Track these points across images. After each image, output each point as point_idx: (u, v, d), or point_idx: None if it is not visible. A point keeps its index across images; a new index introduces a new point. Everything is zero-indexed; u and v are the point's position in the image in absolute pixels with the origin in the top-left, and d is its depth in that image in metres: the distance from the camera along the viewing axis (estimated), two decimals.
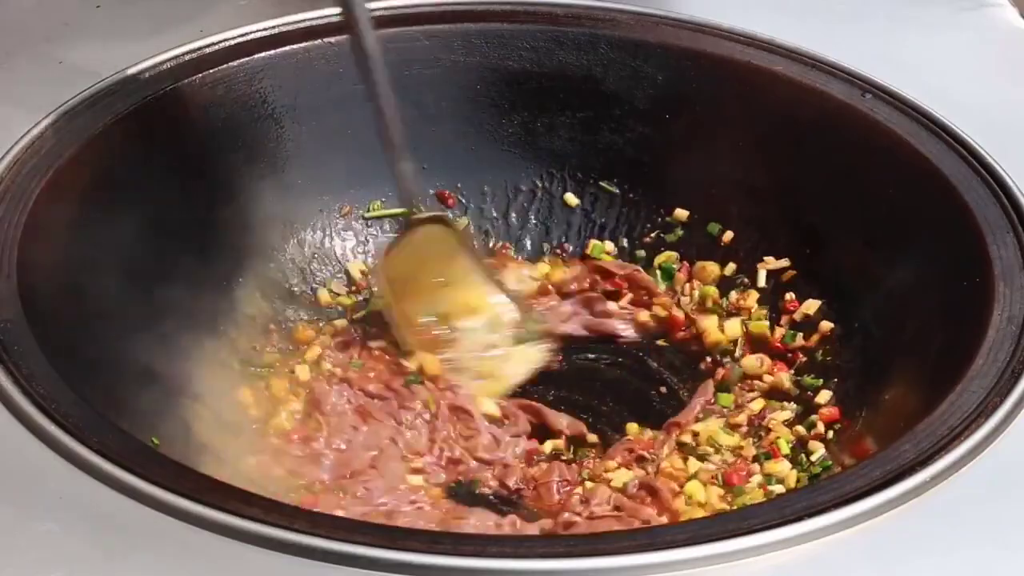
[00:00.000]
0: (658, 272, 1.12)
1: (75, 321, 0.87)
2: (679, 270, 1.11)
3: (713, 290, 1.09)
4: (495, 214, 1.16)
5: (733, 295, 1.09)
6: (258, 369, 1.02)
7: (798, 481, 0.93)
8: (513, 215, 1.16)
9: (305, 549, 0.65)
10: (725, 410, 1.00)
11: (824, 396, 0.99)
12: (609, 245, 1.14)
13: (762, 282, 1.08)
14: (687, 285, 1.10)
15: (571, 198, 1.16)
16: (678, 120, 1.12)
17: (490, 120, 1.15)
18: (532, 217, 1.16)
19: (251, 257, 1.07)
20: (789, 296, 1.06)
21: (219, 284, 1.03)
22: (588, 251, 1.14)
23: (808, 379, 1.01)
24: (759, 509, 0.75)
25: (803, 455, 0.95)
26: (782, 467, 0.94)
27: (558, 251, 1.15)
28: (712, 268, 1.10)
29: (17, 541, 0.66)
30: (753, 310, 1.07)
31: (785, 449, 0.96)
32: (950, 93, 1.03)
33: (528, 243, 1.16)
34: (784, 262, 1.08)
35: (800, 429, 0.98)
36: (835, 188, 1.04)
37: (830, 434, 0.96)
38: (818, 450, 0.94)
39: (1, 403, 0.74)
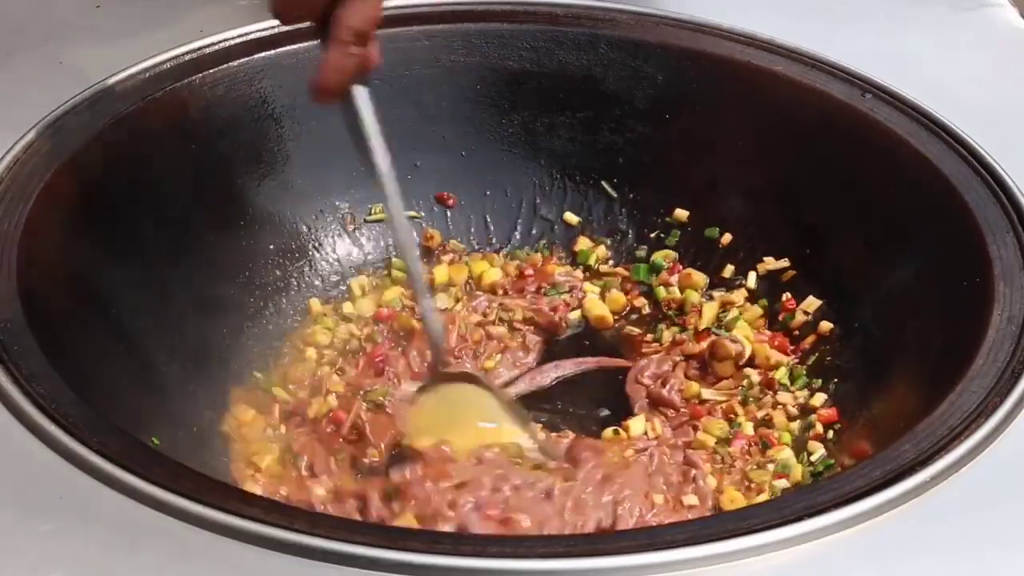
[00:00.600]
0: (642, 267, 1.12)
1: (75, 321, 0.87)
2: (668, 268, 1.11)
3: (694, 294, 1.08)
4: (492, 215, 1.16)
5: (717, 294, 1.09)
6: (259, 377, 1.02)
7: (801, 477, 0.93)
8: (511, 214, 1.16)
9: (305, 549, 0.65)
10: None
11: (819, 398, 0.99)
12: (601, 250, 1.14)
13: (752, 283, 1.08)
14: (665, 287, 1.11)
15: (571, 217, 1.15)
16: (678, 120, 1.12)
17: (490, 120, 1.15)
18: (533, 218, 1.16)
19: (251, 258, 1.07)
20: (786, 296, 1.06)
21: (218, 284, 1.03)
22: (576, 248, 1.15)
23: (802, 377, 1.01)
24: (759, 509, 0.75)
25: (804, 454, 0.95)
26: (785, 455, 0.94)
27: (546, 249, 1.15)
28: (698, 278, 1.10)
29: (17, 541, 0.66)
30: (741, 306, 1.08)
31: (786, 439, 0.96)
32: (950, 93, 1.03)
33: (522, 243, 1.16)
34: (784, 262, 1.08)
35: (796, 426, 0.98)
36: (835, 188, 1.04)
37: (830, 434, 0.96)
38: (818, 450, 0.94)
39: (1, 403, 0.74)
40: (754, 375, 1.02)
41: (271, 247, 1.08)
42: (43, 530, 0.67)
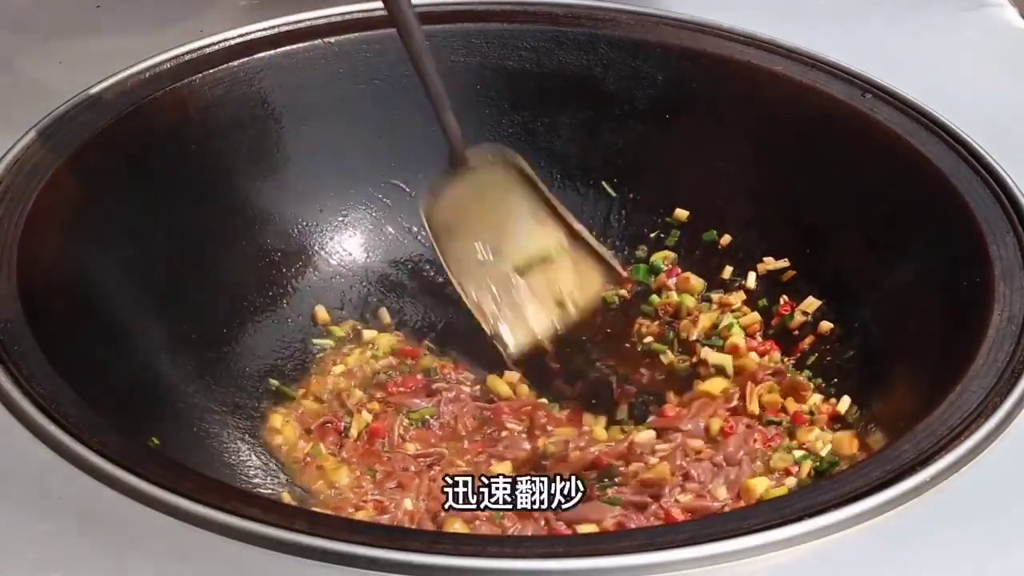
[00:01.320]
0: (641, 267, 1.12)
1: (75, 321, 0.87)
2: (667, 271, 1.11)
3: (690, 299, 1.08)
4: None
5: (715, 296, 1.08)
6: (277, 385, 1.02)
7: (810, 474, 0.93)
8: None
9: (305, 549, 0.65)
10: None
11: (815, 399, 0.98)
12: None
13: (752, 283, 1.08)
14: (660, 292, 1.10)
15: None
16: (678, 120, 1.12)
17: (490, 120, 1.14)
18: None
19: (251, 258, 1.07)
20: (783, 300, 1.06)
21: (218, 285, 1.03)
22: None
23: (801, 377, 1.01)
24: (759, 509, 0.75)
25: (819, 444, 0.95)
26: (815, 435, 0.94)
27: None
28: (696, 283, 1.09)
29: (17, 541, 0.66)
30: (738, 309, 1.07)
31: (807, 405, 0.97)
32: (950, 93, 1.03)
33: None
34: (784, 262, 1.08)
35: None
36: (835, 188, 1.04)
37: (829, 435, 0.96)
38: (826, 446, 0.94)
39: (1, 403, 0.74)
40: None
41: (271, 247, 1.08)
42: (43, 530, 0.67)
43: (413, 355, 1.06)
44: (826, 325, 1.03)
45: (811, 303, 1.04)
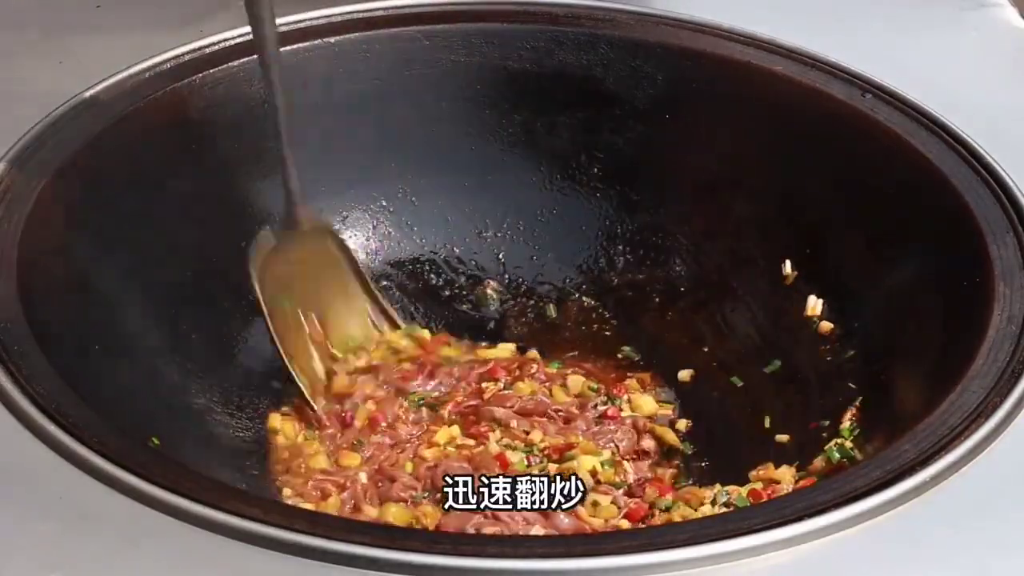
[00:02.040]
0: None
1: (75, 321, 0.87)
2: None
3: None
4: (491, 221, 1.16)
5: None
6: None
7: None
8: (510, 224, 1.16)
9: (305, 549, 0.65)
10: None
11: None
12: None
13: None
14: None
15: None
16: (678, 120, 1.12)
17: (490, 120, 1.14)
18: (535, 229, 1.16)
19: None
20: None
21: (218, 285, 1.03)
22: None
23: None
24: (759, 509, 0.75)
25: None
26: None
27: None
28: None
29: (17, 541, 0.66)
30: None
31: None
32: (950, 93, 1.03)
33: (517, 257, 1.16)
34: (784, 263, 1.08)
35: None
36: (835, 188, 1.04)
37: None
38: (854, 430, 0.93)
39: (1, 403, 0.74)
40: None
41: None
42: (43, 530, 0.67)
43: (417, 356, 1.06)
44: (826, 325, 1.03)
45: (811, 303, 1.04)
